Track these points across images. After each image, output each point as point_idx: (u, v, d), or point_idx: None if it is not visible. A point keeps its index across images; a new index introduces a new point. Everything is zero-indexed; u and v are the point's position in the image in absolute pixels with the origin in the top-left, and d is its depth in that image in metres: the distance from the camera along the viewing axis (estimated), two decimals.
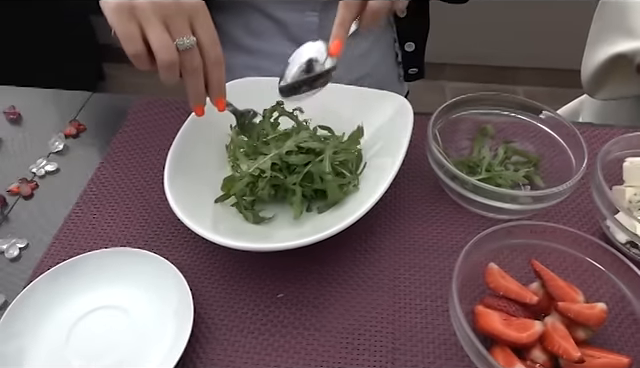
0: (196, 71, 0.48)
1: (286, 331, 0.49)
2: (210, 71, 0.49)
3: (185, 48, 0.46)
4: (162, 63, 0.46)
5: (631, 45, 0.80)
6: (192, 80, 0.48)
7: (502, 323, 0.46)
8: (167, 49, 0.45)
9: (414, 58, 0.88)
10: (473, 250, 0.48)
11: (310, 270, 0.54)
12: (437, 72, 2.39)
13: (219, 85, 0.51)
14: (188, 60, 0.47)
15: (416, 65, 0.90)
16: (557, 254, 0.50)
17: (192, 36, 0.46)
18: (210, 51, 0.48)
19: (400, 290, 0.52)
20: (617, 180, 0.59)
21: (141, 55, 0.46)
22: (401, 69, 0.90)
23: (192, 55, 0.47)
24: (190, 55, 0.47)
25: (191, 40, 0.46)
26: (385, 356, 0.47)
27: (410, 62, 0.89)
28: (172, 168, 0.56)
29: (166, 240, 0.56)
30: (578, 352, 0.42)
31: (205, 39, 0.48)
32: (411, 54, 0.87)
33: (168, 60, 0.46)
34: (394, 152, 0.56)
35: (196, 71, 0.48)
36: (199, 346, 0.48)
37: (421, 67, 0.90)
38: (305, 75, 0.54)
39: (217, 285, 0.53)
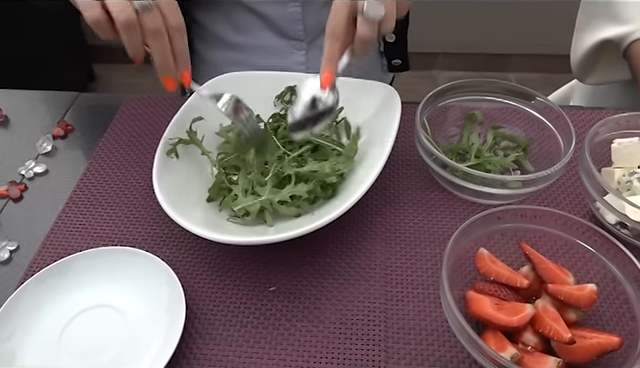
0: (158, 33, 0.46)
1: (279, 324, 0.49)
2: (172, 36, 0.48)
3: (143, 8, 0.45)
4: (120, 24, 0.45)
5: (617, 30, 0.80)
6: (155, 44, 0.47)
7: (493, 307, 0.46)
8: (123, 8, 0.44)
9: (396, 49, 0.88)
10: (462, 236, 0.48)
11: (302, 262, 0.54)
12: (429, 61, 2.39)
13: (182, 54, 0.49)
14: (148, 21, 0.46)
15: (399, 56, 0.89)
16: (547, 237, 0.50)
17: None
18: (170, 16, 0.47)
19: (392, 278, 0.53)
20: (606, 162, 0.59)
21: (101, 20, 0.45)
22: (384, 59, 0.90)
23: (151, 16, 0.46)
24: (149, 16, 0.45)
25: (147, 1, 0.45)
26: (378, 345, 0.47)
27: (392, 53, 0.88)
28: (161, 165, 0.56)
29: (157, 238, 0.56)
30: (569, 333, 0.43)
31: (164, 3, 0.46)
32: (393, 45, 0.87)
33: (125, 19, 0.45)
34: (383, 141, 0.56)
35: (158, 33, 0.46)
36: (192, 341, 0.48)
37: (405, 59, 0.90)
38: (310, 112, 0.54)
39: (209, 280, 0.53)
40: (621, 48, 0.80)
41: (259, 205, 0.54)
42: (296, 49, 0.79)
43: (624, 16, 0.80)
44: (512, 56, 2.31)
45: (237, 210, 0.54)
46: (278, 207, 0.54)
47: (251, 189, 0.55)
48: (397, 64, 0.90)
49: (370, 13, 0.48)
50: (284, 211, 0.54)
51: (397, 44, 0.87)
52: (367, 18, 0.48)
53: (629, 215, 0.51)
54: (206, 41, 0.80)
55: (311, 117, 0.54)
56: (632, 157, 0.57)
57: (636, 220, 0.50)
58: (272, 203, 0.54)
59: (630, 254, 0.45)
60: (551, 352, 0.45)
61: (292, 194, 0.54)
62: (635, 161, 0.57)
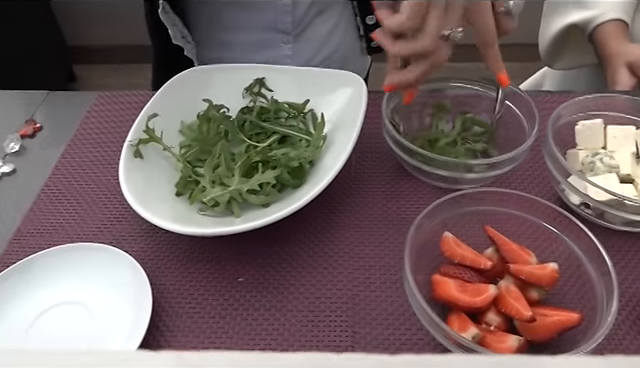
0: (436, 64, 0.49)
1: (247, 314, 0.49)
2: None
3: (453, 39, 0.47)
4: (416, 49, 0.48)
5: (582, 15, 0.81)
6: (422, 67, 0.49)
7: (458, 290, 0.47)
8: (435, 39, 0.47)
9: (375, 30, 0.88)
10: (426, 221, 0.49)
11: (270, 252, 0.54)
12: None
13: None
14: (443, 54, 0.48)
15: None
16: (510, 219, 0.50)
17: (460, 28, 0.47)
18: None
19: (360, 265, 0.53)
20: (572, 144, 0.60)
21: None
22: (364, 42, 0.90)
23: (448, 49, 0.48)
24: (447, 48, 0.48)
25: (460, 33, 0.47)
26: (345, 331, 0.48)
27: None
28: (127, 165, 0.56)
29: (126, 234, 0.56)
30: (529, 311, 0.43)
31: None
32: (373, 27, 0.87)
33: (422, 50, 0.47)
34: (350, 130, 0.56)
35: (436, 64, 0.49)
36: (160, 334, 0.48)
37: None
38: None
39: (178, 273, 0.53)
40: (586, 32, 0.81)
41: (228, 195, 0.54)
42: (283, 43, 0.79)
43: (589, 0, 0.80)
44: None
45: (207, 201, 0.54)
46: (247, 196, 0.54)
47: (219, 180, 0.55)
48: (376, 45, 0.90)
49: (515, 8, 0.54)
50: (253, 200, 0.54)
51: (377, 25, 0.87)
52: (507, 14, 0.54)
53: (591, 195, 0.51)
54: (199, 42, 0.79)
55: None
56: (595, 138, 0.58)
57: (598, 200, 0.51)
58: (241, 193, 0.54)
59: (590, 234, 0.46)
60: (514, 331, 0.45)
61: (260, 182, 0.54)
62: (598, 142, 0.58)
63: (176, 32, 0.71)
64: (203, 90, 0.65)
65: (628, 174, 0.55)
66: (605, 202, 0.51)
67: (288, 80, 0.65)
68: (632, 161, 0.56)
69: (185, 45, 0.73)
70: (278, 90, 0.66)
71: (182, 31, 0.72)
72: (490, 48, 0.55)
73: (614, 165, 0.55)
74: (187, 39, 0.74)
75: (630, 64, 0.74)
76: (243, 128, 0.61)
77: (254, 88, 0.66)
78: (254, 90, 0.66)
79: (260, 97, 0.65)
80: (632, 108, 0.60)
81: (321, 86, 0.63)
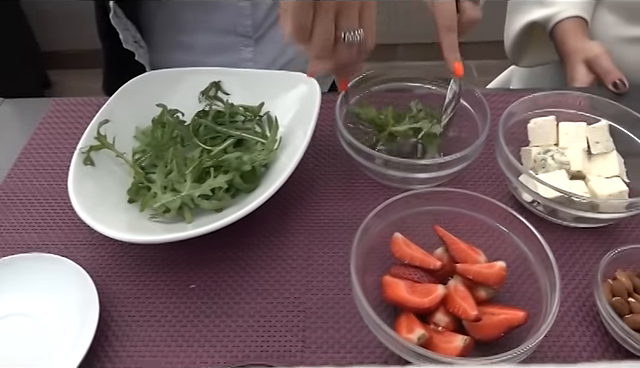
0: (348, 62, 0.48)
1: (198, 321, 0.49)
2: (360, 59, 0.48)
3: (350, 43, 0.46)
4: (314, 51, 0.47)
5: (543, 12, 0.81)
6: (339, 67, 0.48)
7: (407, 290, 0.47)
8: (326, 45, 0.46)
9: None
10: (376, 221, 0.49)
11: (223, 258, 0.54)
12: (389, 53, 2.39)
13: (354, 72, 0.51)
14: (344, 55, 0.47)
15: None
16: (460, 218, 0.50)
17: (360, 30, 0.45)
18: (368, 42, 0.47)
19: (313, 269, 0.53)
20: (526, 141, 0.60)
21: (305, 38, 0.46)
22: None
23: (350, 51, 0.46)
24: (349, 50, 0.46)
25: (359, 34, 0.45)
26: (296, 335, 0.47)
27: None
28: (77, 169, 0.55)
29: (77, 242, 0.55)
30: (475, 311, 0.43)
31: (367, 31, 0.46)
32: None
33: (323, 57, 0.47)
34: (303, 132, 0.56)
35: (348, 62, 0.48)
36: (108, 343, 0.47)
37: None
38: None
39: (129, 281, 0.52)
40: (547, 30, 0.82)
41: (179, 201, 0.53)
42: (244, 46, 0.79)
43: None
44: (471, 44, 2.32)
45: (157, 207, 0.53)
46: (199, 202, 0.53)
47: (171, 186, 0.55)
48: None
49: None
50: (205, 205, 0.54)
51: None
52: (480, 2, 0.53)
53: (541, 193, 0.52)
54: (155, 44, 0.78)
55: None
56: (547, 135, 0.58)
57: (547, 197, 0.51)
58: (193, 198, 0.53)
59: (534, 230, 0.46)
60: (463, 331, 0.45)
61: (212, 187, 0.54)
62: (551, 139, 0.58)
63: (128, 36, 0.70)
64: (158, 95, 0.64)
65: (579, 171, 0.55)
66: (554, 199, 0.51)
67: (244, 83, 0.65)
68: (583, 157, 0.56)
69: (137, 50, 0.72)
70: (235, 93, 0.65)
71: (135, 35, 0.72)
72: (449, 33, 0.54)
73: (565, 162, 0.55)
74: (139, 44, 0.73)
75: (588, 61, 0.75)
76: (198, 133, 0.61)
77: (210, 92, 0.65)
78: (210, 94, 0.65)
79: (216, 101, 0.65)
80: (585, 105, 0.60)
81: (276, 88, 0.63)
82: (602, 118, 0.59)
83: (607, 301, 0.45)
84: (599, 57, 0.73)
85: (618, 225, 0.55)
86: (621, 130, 0.58)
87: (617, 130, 0.58)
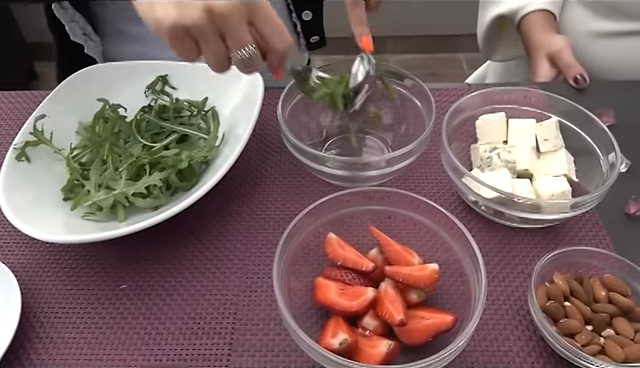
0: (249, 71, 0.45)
1: (125, 323, 0.48)
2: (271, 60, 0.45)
3: (243, 58, 0.43)
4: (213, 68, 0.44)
5: (509, 6, 0.79)
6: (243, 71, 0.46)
7: (337, 293, 0.45)
8: (221, 65, 0.44)
9: (313, 26, 0.86)
10: (308, 220, 0.47)
11: (158, 257, 0.52)
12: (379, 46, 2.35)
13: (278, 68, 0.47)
14: (244, 67, 0.44)
15: (316, 33, 0.88)
16: (397, 219, 0.49)
17: (250, 46, 0.42)
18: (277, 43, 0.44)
19: (249, 269, 0.51)
20: (476, 138, 0.59)
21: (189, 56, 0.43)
22: (302, 38, 0.88)
23: (249, 63, 0.43)
24: (247, 63, 0.43)
25: (249, 51, 0.42)
26: (224, 338, 0.46)
27: (310, 31, 0.87)
28: (10, 166, 0.54)
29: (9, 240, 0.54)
30: (400, 315, 0.42)
31: (269, 34, 0.43)
32: (310, 23, 0.85)
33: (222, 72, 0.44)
34: (243, 129, 0.55)
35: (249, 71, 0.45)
36: (30, 345, 0.46)
37: (322, 35, 0.89)
38: None
39: (58, 282, 0.51)
40: (515, 23, 0.80)
41: (112, 199, 0.52)
42: None
43: None
44: (461, 37, 2.30)
45: (89, 206, 0.52)
46: (134, 200, 0.52)
47: (105, 183, 0.53)
48: (315, 41, 0.88)
49: None
50: (140, 204, 0.52)
51: (314, 20, 0.85)
52: None
53: (482, 194, 0.50)
54: (107, 35, 0.77)
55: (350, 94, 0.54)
56: (496, 132, 0.57)
57: (487, 198, 0.50)
58: (127, 196, 0.52)
59: (468, 235, 0.44)
60: (392, 335, 0.44)
61: (147, 185, 0.52)
62: (500, 136, 0.57)
63: (75, 28, 0.69)
64: (103, 89, 0.62)
65: (526, 169, 0.54)
66: (493, 199, 0.49)
67: (190, 78, 0.63)
68: (532, 155, 0.54)
69: (86, 42, 0.70)
70: (181, 88, 0.64)
71: (84, 28, 0.70)
72: (355, 7, 0.53)
73: (511, 160, 0.53)
74: (90, 36, 0.71)
75: (550, 55, 0.73)
76: (141, 128, 0.59)
77: (156, 86, 0.64)
78: (156, 88, 0.64)
79: (162, 95, 0.63)
80: (538, 101, 0.58)
81: (222, 83, 0.61)
82: (554, 115, 0.57)
83: (540, 306, 0.44)
84: (561, 51, 0.72)
85: (565, 225, 0.53)
86: (572, 127, 0.56)
87: (568, 127, 0.56)
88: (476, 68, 1.17)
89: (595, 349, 0.41)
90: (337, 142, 0.63)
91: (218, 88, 0.62)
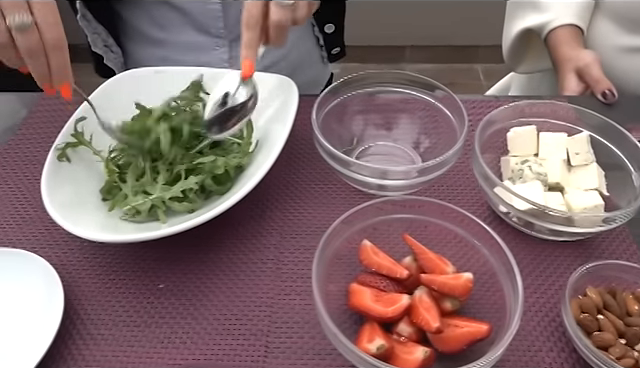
0: (32, 52, 0.45)
1: (163, 321, 0.49)
2: (49, 54, 0.46)
3: (19, 28, 0.44)
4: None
5: (537, 19, 0.80)
6: (30, 62, 0.46)
7: (372, 299, 0.46)
8: None
9: (335, 38, 0.88)
10: (344, 227, 0.48)
11: (194, 259, 0.53)
12: (398, 55, 2.38)
13: (60, 70, 0.48)
14: (22, 42, 0.45)
15: (338, 45, 0.89)
16: (431, 227, 0.50)
17: (27, 15, 0.44)
18: (47, 33, 0.45)
19: (283, 273, 0.52)
20: (506, 150, 0.59)
21: None
22: (324, 51, 0.89)
23: (27, 36, 0.44)
24: (24, 36, 0.44)
25: (22, 19, 0.43)
26: (259, 340, 0.47)
27: (332, 43, 0.88)
28: (52, 165, 0.55)
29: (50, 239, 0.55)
30: (437, 323, 0.43)
31: (41, 19, 0.45)
32: (332, 35, 0.87)
33: None
34: (279, 135, 0.56)
35: (32, 52, 0.45)
36: (72, 342, 0.47)
37: (342, 46, 0.90)
38: (219, 109, 0.54)
39: (97, 280, 0.52)
40: (542, 37, 0.80)
41: (150, 203, 0.53)
42: (218, 46, 0.79)
43: (544, 5, 0.80)
44: (479, 48, 2.31)
45: (127, 210, 0.53)
46: (170, 204, 0.53)
47: (141, 188, 0.55)
48: (336, 52, 0.90)
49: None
50: (177, 207, 0.53)
51: (336, 33, 0.87)
52: (279, 3, 0.50)
53: (514, 205, 0.51)
54: (130, 37, 0.79)
55: (223, 115, 0.53)
56: (527, 145, 0.57)
57: (520, 209, 0.50)
58: (164, 201, 0.53)
59: (503, 244, 0.45)
60: (426, 342, 0.45)
61: (183, 189, 0.53)
62: (530, 149, 0.58)
63: (97, 40, 0.71)
64: (139, 92, 0.64)
65: (557, 182, 0.54)
66: (527, 211, 0.50)
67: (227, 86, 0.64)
68: (562, 169, 0.55)
69: (107, 54, 0.72)
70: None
71: (106, 40, 0.72)
72: (246, 30, 0.51)
73: (542, 173, 0.54)
74: (111, 48, 0.73)
75: (578, 70, 0.74)
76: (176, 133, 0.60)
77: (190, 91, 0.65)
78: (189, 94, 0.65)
79: (196, 101, 0.64)
80: (568, 115, 0.59)
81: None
82: (584, 129, 0.58)
83: (574, 318, 0.44)
84: (589, 66, 0.72)
85: (596, 239, 0.54)
86: (603, 142, 0.57)
87: (599, 142, 0.57)
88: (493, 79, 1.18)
89: (629, 362, 0.42)
90: (368, 150, 0.64)
91: None
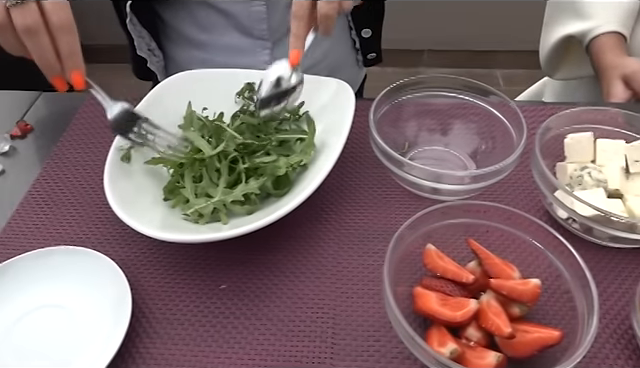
0: (30, 31, 0.42)
1: (227, 321, 0.49)
2: (55, 36, 0.44)
3: (12, 4, 0.41)
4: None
5: (580, 26, 0.80)
6: (29, 43, 0.43)
7: (438, 303, 0.46)
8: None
9: (372, 43, 0.88)
10: (409, 232, 0.48)
11: (253, 260, 0.54)
12: (416, 59, 2.38)
13: (69, 53, 0.45)
14: (18, 18, 0.42)
15: (374, 50, 0.90)
16: (495, 232, 0.50)
17: None
18: (52, 13, 0.42)
19: (343, 275, 0.53)
20: (561, 156, 0.59)
21: None
22: (360, 55, 0.90)
23: (23, 12, 0.41)
24: (20, 12, 0.41)
25: None
26: (325, 341, 0.47)
27: (368, 47, 0.89)
28: (113, 165, 0.56)
29: (110, 237, 0.56)
30: (509, 328, 0.43)
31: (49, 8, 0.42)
32: (369, 40, 0.87)
33: None
34: (337, 139, 0.56)
35: (30, 31, 0.42)
36: (139, 340, 0.48)
37: (379, 52, 0.90)
38: (275, 90, 0.56)
39: (160, 279, 0.52)
40: (584, 44, 0.80)
41: (212, 206, 0.53)
42: (261, 48, 0.79)
43: (586, 12, 0.80)
44: (498, 53, 2.31)
45: (190, 213, 0.54)
46: (232, 207, 0.54)
47: (203, 191, 0.55)
48: (372, 57, 0.90)
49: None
50: (238, 210, 0.54)
51: (373, 38, 0.87)
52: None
53: (577, 210, 0.51)
54: (172, 39, 0.80)
55: (275, 95, 0.56)
56: (584, 152, 0.57)
57: (583, 215, 0.50)
58: (225, 204, 0.54)
59: (572, 248, 0.45)
60: (495, 347, 0.45)
61: (245, 193, 0.54)
62: (587, 156, 0.58)
63: (141, 43, 0.71)
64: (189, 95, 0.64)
65: (616, 189, 0.54)
66: (591, 217, 0.50)
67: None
68: (621, 176, 0.55)
69: (150, 57, 0.73)
70: None
71: (149, 44, 0.72)
72: (295, 21, 0.53)
73: (602, 179, 0.54)
74: (153, 52, 0.74)
75: (625, 77, 0.74)
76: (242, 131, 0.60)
77: (245, 93, 0.65)
78: (245, 95, 0.65)
79: (251, 102, 0.65)
80: (624, 122, 0.59)
81: (309, 93, 0.63)
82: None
83: None
84: (637, 73, 0.72)
85: None
86: None
87: None
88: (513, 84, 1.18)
89: None
90: (420, 154, 0.64)
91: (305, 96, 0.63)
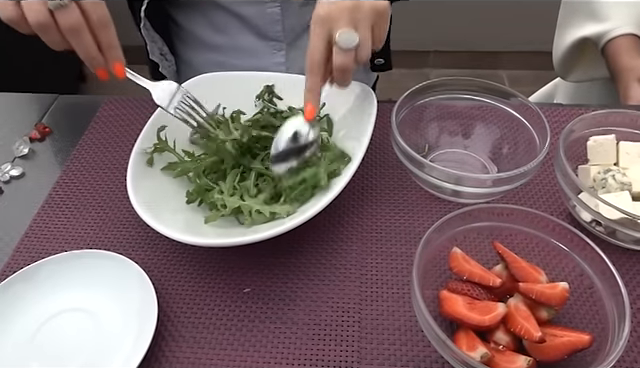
0: (75, 30, 0.46)
1: (252, 325, 0.49)
2: (97, 33, 0.48)
3: (57, 7, 0.45)
4: (34, 26, 0.45)
5: (595, 28, 0.80)
6: (74, 41, 0.47)
7: (466, 307, 0.46)
8: (37, 8, 0.45)
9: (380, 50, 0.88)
10: (435, 235, 0.48)
11: (276, 263, 0.54)
12: (421, 60, 2.38)
13: (110, 47, 0.49)
14: (62, 20, 0.45)
15: (381, 56, 0.89)
16: (520, 235, 0.50)
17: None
18: (91, 12, 0.47)
19: (367, 278, 0.52)
20: (583, 159, 0.59)
21: (15, 20, 0.46)
22: None
23: (66, 14, 0.45)
24: (64, 14, 0.45)
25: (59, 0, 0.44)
26: (351, 345, 0.47)
27: (376, 53, 0.88)
28: (135, 168, 0.56)
29: (133, 241, 0.56)
30: (539, 332, 0.43)
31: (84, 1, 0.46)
32: None
33: (37, 21, 0.45)
34: (358, 141, 0.56)
35: (75, 30, 0.46)
36: (165, 344, 0.48)
37: (387, 58, 0.90)
38: (292, 145, 0.54)
39: (184, 283, 0.52)
40: (599, 46, 0.80)
41: (238, 203, 0.53)
42: (276, 50, 0.79)
43: (602, 14, 0.80)
44: (503, 53, 2.31)
45: (215, 199, 0.53)
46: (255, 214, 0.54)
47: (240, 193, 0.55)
48: (380, 63, 0.90)
49: (344, 43, 0.49)
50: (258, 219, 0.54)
51: None
52: (341, 47, 0.49)
53: (602, 213, 0.51)
54: (186, 42, 0.80)
55: (293, 150, 0.54)
56: (607, 154, 0.57)
57: (609, 218, 0.50)
58: (251, 210, 0.53)
59: (601, 252, 0.45)
60: (523, 351, 0.45)
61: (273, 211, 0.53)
62: (611, 158, 0.57)
63: (154, 48, 0.72)
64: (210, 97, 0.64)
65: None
66: (617, 220, 0.50)
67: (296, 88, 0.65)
68: None
69: (162, 62, 0.73)
70: (287, 98, 0.65)
71: (161, 48, 0.73)
72: (309, 74, 0.51)
73: (627, 182, 0.54)
74: (165, 57, 0.74)
75: None
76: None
77: (265, 95, 0.65)
78: (265, 97, 0.65)
79: (270, 104, 0.65)
80: None
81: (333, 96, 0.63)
82: None
83: None
84: None
85: None
86: None
87: None
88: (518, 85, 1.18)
89: None
90: (440, 156, 0.64)
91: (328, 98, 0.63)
